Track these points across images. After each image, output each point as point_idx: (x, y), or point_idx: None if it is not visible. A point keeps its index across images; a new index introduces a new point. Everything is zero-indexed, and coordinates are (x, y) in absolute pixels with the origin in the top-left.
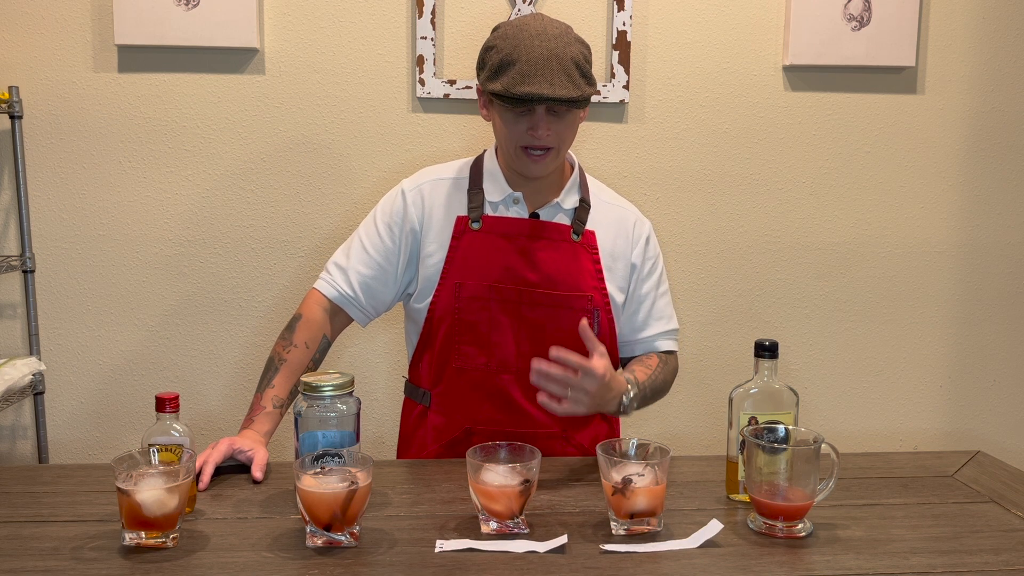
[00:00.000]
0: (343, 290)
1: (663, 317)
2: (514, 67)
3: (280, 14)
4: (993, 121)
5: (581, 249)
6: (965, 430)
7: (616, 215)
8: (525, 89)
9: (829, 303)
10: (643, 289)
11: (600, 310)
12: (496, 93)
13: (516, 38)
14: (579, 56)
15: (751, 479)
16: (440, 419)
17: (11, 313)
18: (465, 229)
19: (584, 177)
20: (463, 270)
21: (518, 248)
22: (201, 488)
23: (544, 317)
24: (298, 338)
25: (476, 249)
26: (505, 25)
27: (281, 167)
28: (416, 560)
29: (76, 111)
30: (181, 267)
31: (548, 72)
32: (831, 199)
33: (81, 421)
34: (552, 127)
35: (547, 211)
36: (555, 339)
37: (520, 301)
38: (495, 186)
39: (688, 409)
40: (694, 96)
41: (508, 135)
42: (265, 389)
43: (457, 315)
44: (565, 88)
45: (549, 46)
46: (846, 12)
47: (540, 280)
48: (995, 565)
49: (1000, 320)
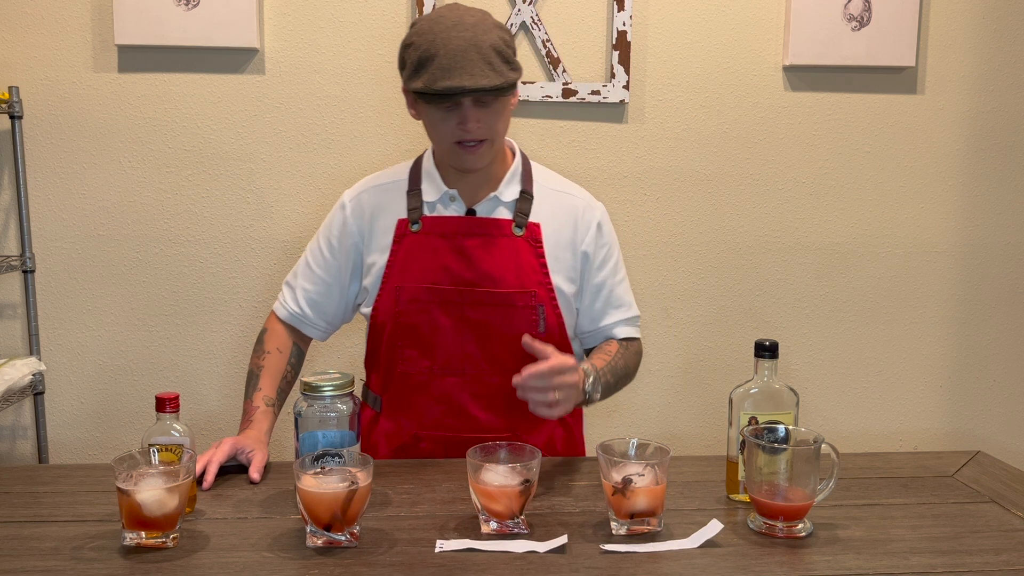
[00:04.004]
0: (291, 309)
1: (621, 305)
2: (433, 62)
3: (280, 14)
4: (993, 121)
5: (523, 243)
6: (965, 430)
7: (563, 203)
8: (446, 83)
9: (829, 303)
10: (598, 278)
11: (545, 305)
12: (419, 91)
13: (432, 32)
14: (498, 42)
15: (751, 479)
16: (390, 424)
17: (11, 313)
18: (405, 232)
19: (528, 166)
20: (402, 273)
21: (455, 247)
22: (205, 488)
23: (487, 316)
24: (269, 346)
25: (415, 251)
26: (421, 20)
27: (281, 167)
28: (416, 560)
29: (76, 111)
30: (181, 267)
31: (468, 63)
32: (831, 199)
33: (81, 421)
34: (482, 118)
35: (485, 206)
36: (500, 338)
37: (461, 302)
38: (431, 186)
39: (688, 409)
40: (694, 96)
41: (439, 132)
42: (253, 393)
43: (398, 319)
44: (487, 77)
45: (466, 36)
46: (846, 12)
47: (478, 279)
48: (995, 565)
49: (1000, 320)
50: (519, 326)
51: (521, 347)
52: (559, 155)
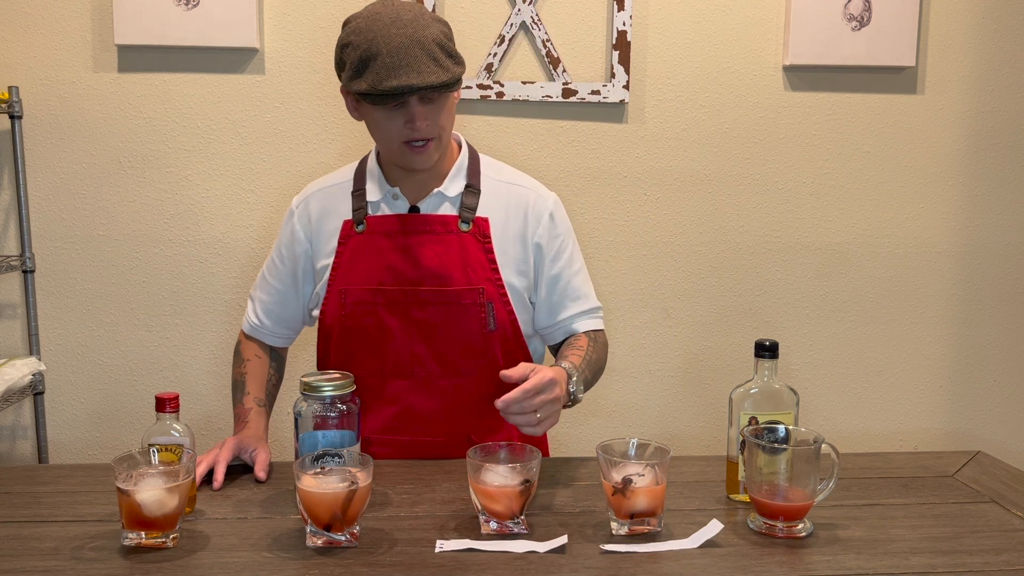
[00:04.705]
0: (252, 322)
1: (579, 297)
2: (376, 61)
3: (280, 14)
4: (993, 121)
5: (470, 239)
6: (965, 430)
7: (512, 194)
8: (392, 83)
9: (829, 303)
10: (553, 270)
11: (494, 302)
12: (363, 92)
13: (371, 30)
14: (440, 36)
15: (751, 479)
16: None
17: (11, 313)
18: (351, 233)
19: (476, 159)
20: (347, 275)
21: (399, 246)
22: (216, 488)
23: (435, 316)
24: (247, 355)
25: (360, 252)
26: (355, 18)
27: (281, 167)
28: (416, 560)
29: (76, 111)
30: (181, 267)
31: (412, 60)
32: (831, 199)
33: (81, 421)
34: (429, 116)
35: (429, 202)
36: (449, 339)
37: (407, 302)
38: (375, 185)
39: (688, 409)
40: (694, 96)
41: (385, 133)
42: (243, 397)
43: (344, 322)
44: (434, 73)
45: (407, 32)
46: (846, 12)
47: (423, 277)
48: (995, 565)
49: (1000, 320)
50: (468, 325)
51: (472, 347)
52: (559, 155)
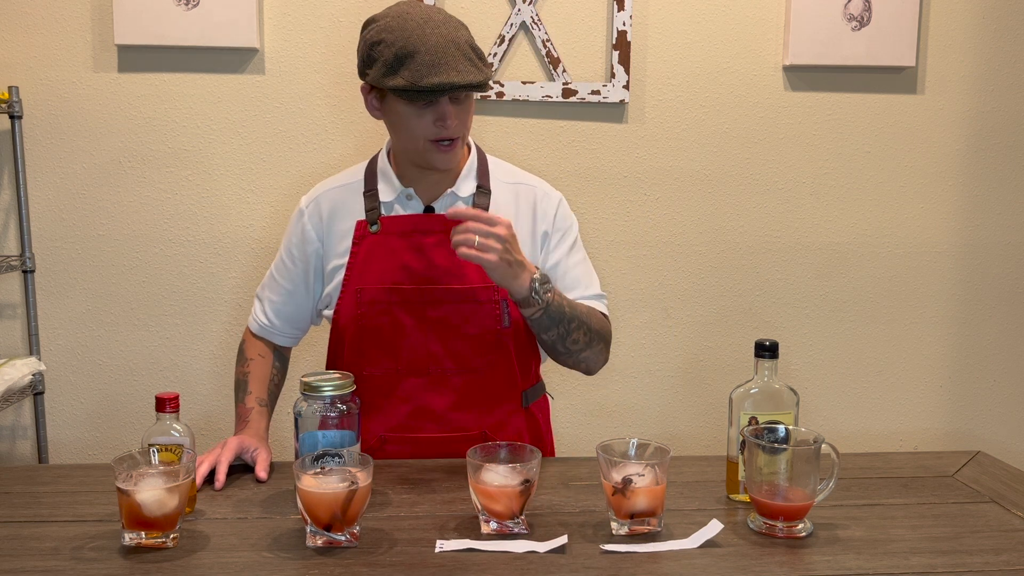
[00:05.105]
0: (261, 322)
1: (580, 284)
2: (414, 59)
3: (280, 14)
4: (993, 121)
5: None
6: (965, 430)
7: (521, 193)
8: (434, 80)
9: (829, 303)
10: (553, 259)
11: (507, 300)
12: (400, 88)
13: (404, 28)
14: (470, 39)
15: (751, 479)
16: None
17: (11, 313)
18: (365, 233)
19: (485, 160)
20: (363, 275)
21: (414, 246)
22: (218, 488)
23: (450, 314)
24: (251, 354)
25: (375, 252)
26: (382, 17)
27: (281, 167)
28: (416, 560)
29: (76, 111)
30: (181, 267)
31: (451, 59)
32: (831, 199)
33: (81, 421)
34: (458, 116)
35: (443, 202)
36: (463, 336)
37: (422, 301)
38: (387, 185)
39: (688, 409)
40: (694, 96)
41: (413, 131)
42: (245, 397)
43: (360, 321)
44: (471, 73)
45: (442, 32)
46: (846, 12)
47: (439, 276)
48: (995, 565)
49: (1000, 320)
50: (482, 322)
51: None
52: (559, 155)
